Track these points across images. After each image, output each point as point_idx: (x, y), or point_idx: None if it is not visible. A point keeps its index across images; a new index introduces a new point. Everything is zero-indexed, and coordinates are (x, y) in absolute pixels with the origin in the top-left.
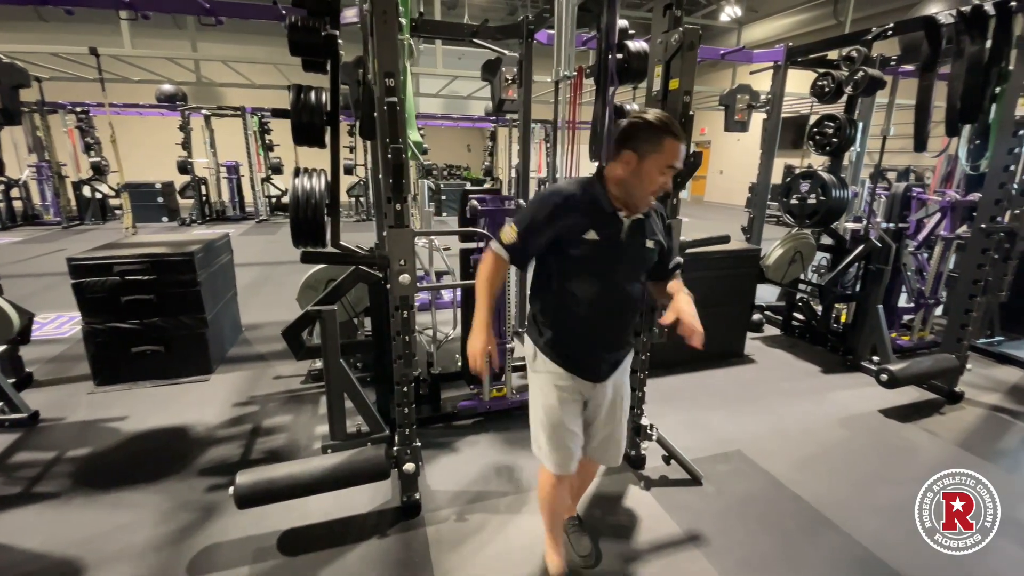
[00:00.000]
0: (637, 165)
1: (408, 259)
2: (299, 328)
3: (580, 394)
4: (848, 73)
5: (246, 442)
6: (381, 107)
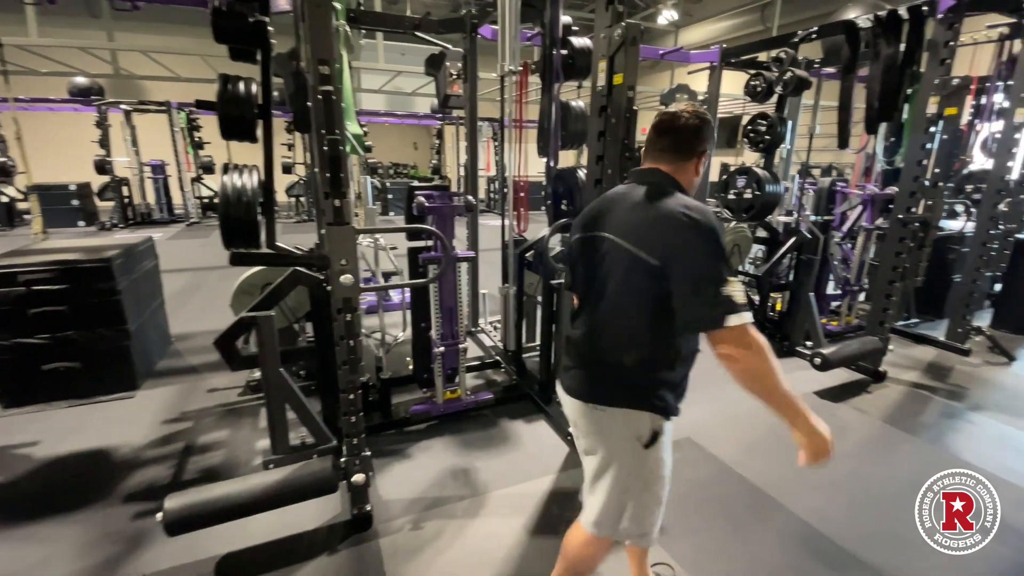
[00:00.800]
0: (701, 165)
1: (350, 259)
2: (233, 336)
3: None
4: (778, 74)
5: (178, 462)
6: (315, 96)
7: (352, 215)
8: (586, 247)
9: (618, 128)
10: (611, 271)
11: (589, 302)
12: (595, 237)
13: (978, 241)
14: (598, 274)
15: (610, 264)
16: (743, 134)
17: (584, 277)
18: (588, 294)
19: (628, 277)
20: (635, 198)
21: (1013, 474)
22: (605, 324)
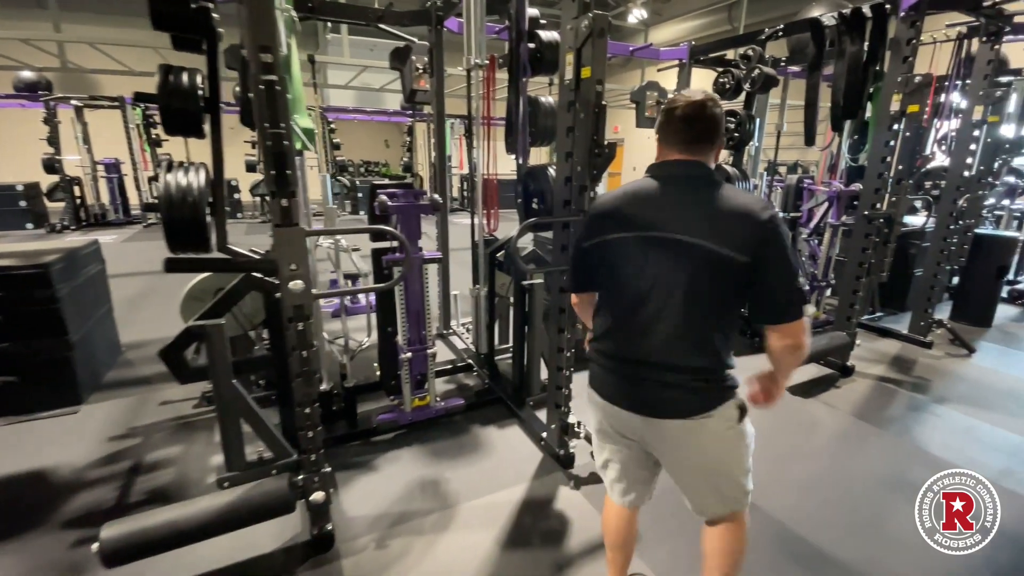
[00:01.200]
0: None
1: (300, 263)
2: (181, 347)
3: None
4: (746, 71)
5: (123, 483)
6: (257, 87)
7: (302, 215)
8: (639, 248)
9: (587, 123)
10: (681, 272)
11: (645, 308)
12: (654, 238)
13: (938, 236)
14: (660, 277)
15: (680, 265)
16: None
17: (634, 281)
18: (642, 299)
19: (706, 276)
20: (695, 195)
21: (980, 467)
22: (682, 328)
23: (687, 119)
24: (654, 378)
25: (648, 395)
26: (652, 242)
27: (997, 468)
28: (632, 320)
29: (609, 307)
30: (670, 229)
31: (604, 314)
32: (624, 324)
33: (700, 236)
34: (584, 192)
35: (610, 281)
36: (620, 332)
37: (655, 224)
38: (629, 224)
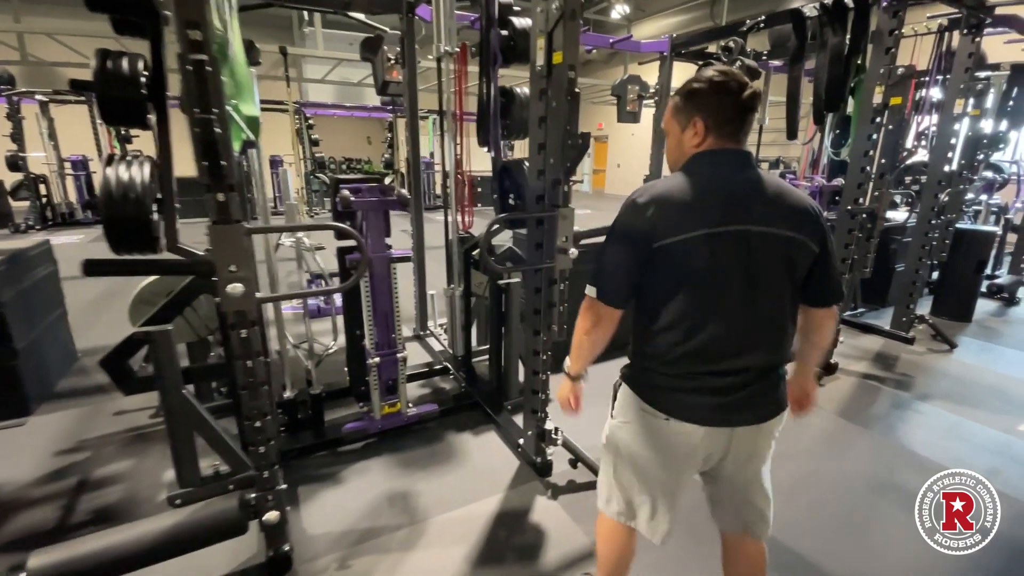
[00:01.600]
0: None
1: (241, 264)
2: (124, 355)
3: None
4: (727, 63)
5: (68, 501)
6: (184, 67)
7: (243, 211)
8: (739, 244)
9: (559, 113)
10: (780, 265)
11: (753, 309)
12: (737, 231)
13: (920, 231)
14: (763, 273)
15: (778, 258)
16: None
17: (735, 280)
18: (749, 299)
19: (789, 267)
20: (764, 185)
21: (967, 467)
22: (780, 322)
23: (749, 107)
24: (762, 380)
25: (757, 400)
26: (739, 235)
27: (984, 467)
28: (735, 323)
29: (693, 314)
30: (756, 222)
31: (684, 324)
32: (725, 330)
33: (788, 228)
34: (558, 186)
35: (693, 283)
36: (719, 340)
37: (747, 217)
38: (720, 218)
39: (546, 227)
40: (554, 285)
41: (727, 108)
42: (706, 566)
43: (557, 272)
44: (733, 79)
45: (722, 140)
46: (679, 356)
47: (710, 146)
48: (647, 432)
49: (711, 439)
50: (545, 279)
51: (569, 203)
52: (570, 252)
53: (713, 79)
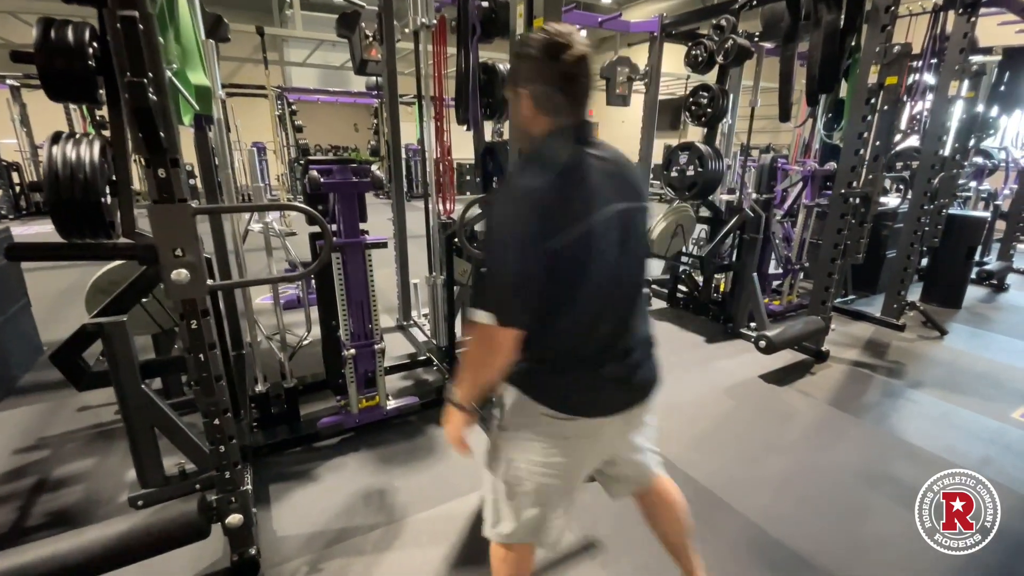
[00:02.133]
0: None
1: (187, 247)
2: (76, 348)
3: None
4: (719, 42)
5: (23, 503)
6: (113, 24)
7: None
8: (617, 223)
9: None
10: (636, 239)
11: (626, 289)
12: (625, 209)
13: (912, 217)
14: (623, 249)
15: (635, 233)
16: (685, 107)
17: (613, 261)
18: (623, 281)
19: (645, 236)
20: (613, 160)
21: (960, 456)
22: (638, 294)
23: (588, 70)
24: (649, 352)
25: (649, 373)
26: (623, 214)
27: (977, 456)
28: (625, 304)
29: (590, 304)
30: (631, 197)
31: (583, 317)
32: (620, 312)
33: (640, 199)
34: None
35: (584, 274)
36: (618, 323)
37: (616, 196)
38: (598, 202)
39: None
40: None
41: (578, 74)
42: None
43: None
44: (568, 39)
45: (578, 111)
46: (582, 350)
47: (568, 119)
48: (550, 438)
49: (617, 426)
50: None
51: None
52: None
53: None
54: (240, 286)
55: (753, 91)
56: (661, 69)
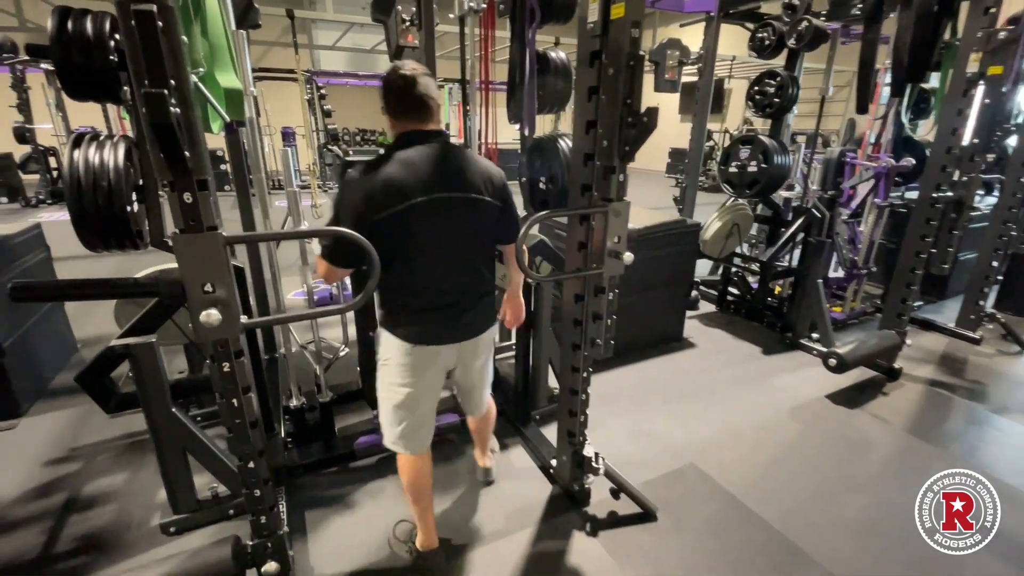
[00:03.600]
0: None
1: (218, 281)
2: (103, 369)
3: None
4: (790, 23)
5: (52, 525)
6: (126, 20)
7: (215, 215)
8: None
9: (617, 82)
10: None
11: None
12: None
13: (999, 218)
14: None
15: (462, 213)
16: (748, 96)
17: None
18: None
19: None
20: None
21: None
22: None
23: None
24: (474, 304)
25: (472, 319)
26: (445, 200)
27: None
28: (444, 268)
29: (414, 269)
30: (456, 189)
31: (411, 277)
32: (439, 274)
33: (472, 190)
34: (611, 175)
35: (408, 244)
36: (435, 282)
37: (440, 187)
38: (418, 190)
39: (594, 225)
40: (602, 294)
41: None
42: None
43: (606, 279)
44: (396, 76)
45: (415, 123)
46: (417, 298)
47: (403, 130)
48: (402, 363)
49: (450, 354)
50: (590, 287)
51: (624, 196)
52: (625, 256)
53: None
54: (279, 323)
55: (825, 77)
56: (716, 51)
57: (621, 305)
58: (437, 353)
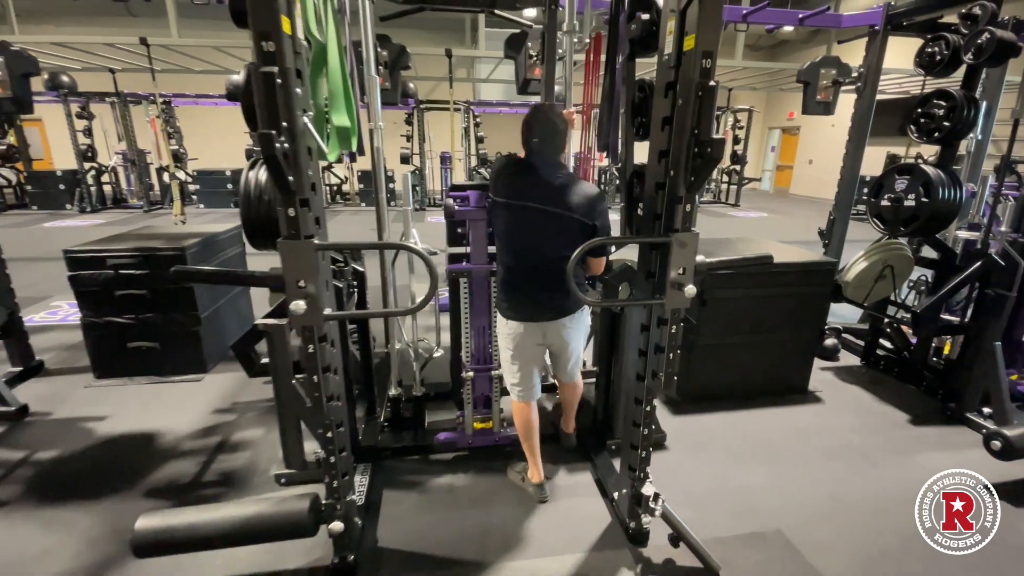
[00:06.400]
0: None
1: (309, 279)
2: (249, 342)
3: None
4: (968, 36)
5: (206, 459)
6: (256, 78)
7: (312, 226)
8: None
9: (686, 113)
10: (539, 226)
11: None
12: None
13: None
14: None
15: (539, 222)
16: (912, 119)
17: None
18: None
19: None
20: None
21: None
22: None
23: (528, 125)
24: (552, 296)
25: (549, 305)
26: (526, 208)
27: None
28: (523, 262)
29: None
30: (541, 202)
31: (500, 257)
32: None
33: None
34: (678, 205)
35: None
36: (518, 271)
37: (529, 198)
38: (512, 194)
39: (660, 255)
40: (664, 326)
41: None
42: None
43: (668, 311)
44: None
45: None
46: (506, 281)
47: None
48: (504, 332)
49: (535, 330)
50: (653, 317)
51: (692, 226)
52: (687, 289)
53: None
54: (352, 318)
55: (1020, 97)
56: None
57: (724, 345)
58: (522, 328)
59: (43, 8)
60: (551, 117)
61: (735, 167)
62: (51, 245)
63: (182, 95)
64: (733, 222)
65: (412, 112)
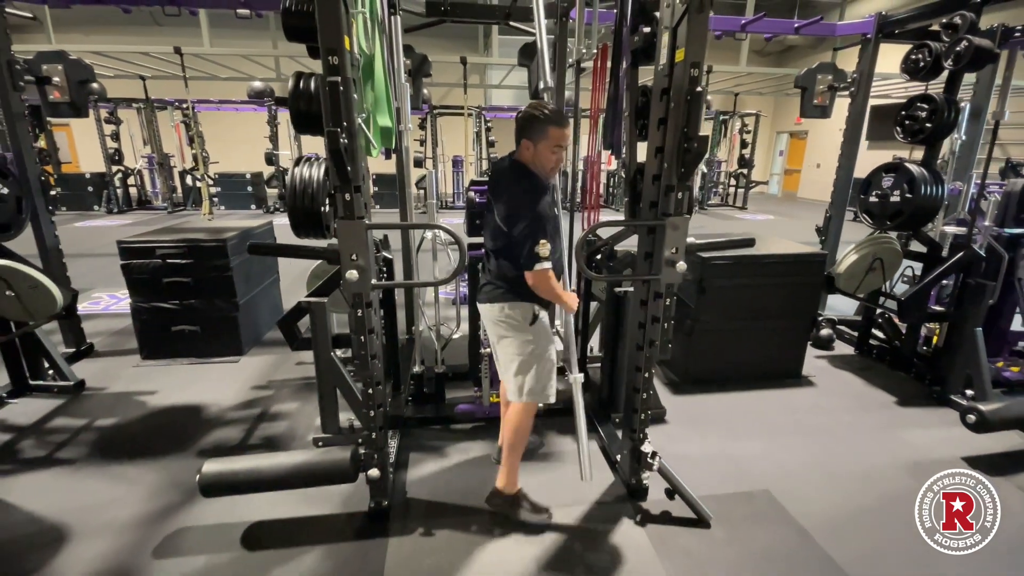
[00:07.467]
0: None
1: (360, 253)
2: (294, 318)
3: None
4: (948, 43)
5: (249, 427)
6: (323, 87)
7: (363, 209)
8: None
9: (677, 114)
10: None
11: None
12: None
13: None
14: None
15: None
16: (897, 121)
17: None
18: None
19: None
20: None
21: None
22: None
23: (518, 125)
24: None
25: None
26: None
27: None
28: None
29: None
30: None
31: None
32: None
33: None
34: (671, 193)
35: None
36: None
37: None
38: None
39: (656, 236)
40: (659, 299)
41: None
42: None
43: (663, 285)
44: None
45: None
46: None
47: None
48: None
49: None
50: (651, 292)
51: (684, 212)
52: (679, 265)
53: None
54: (395, 287)
55: (999, 100)
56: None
57: (722, 331)
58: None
59: (73, 18)
60: (520, 114)
61: (743, 171)
62: (85, 243)
63: (206, 100)
64: (739, 224)
65: (426, 116)
